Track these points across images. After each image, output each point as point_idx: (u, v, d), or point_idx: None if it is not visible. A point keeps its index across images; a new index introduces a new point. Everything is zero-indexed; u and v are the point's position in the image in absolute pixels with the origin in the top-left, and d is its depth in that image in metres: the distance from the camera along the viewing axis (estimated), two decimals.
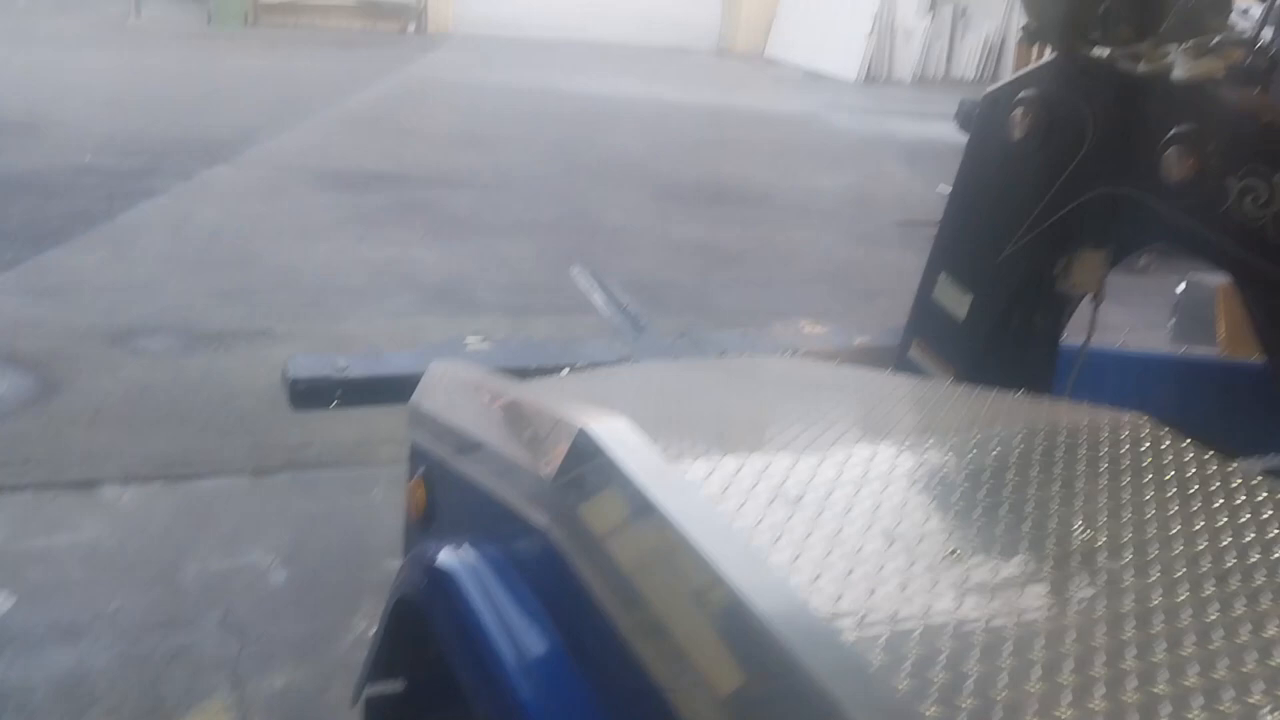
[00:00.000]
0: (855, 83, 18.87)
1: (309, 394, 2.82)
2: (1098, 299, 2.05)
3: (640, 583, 1.18)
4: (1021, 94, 1.92)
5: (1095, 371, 2.50)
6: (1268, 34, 1.69)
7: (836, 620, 1.05)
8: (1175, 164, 1.66)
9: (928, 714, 0.91)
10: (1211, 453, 1.51)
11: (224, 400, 4.66)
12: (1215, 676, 1.01)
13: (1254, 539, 1.28)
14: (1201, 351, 2.38)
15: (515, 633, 1.39)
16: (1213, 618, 1.11)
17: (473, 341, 3.11)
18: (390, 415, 2.37)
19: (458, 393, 1.76)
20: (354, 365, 2.89)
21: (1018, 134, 1.92)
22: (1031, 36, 1.90)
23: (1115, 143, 1.79)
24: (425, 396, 1.83)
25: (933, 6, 19.56)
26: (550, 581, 1.36)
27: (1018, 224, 1.98)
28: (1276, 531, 1.30)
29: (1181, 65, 1.63)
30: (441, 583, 1.46)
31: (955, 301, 2.14)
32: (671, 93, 15.01)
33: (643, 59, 19.20)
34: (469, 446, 1.60)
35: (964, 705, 0.93)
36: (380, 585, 2.41)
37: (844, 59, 19.34)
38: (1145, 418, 1.59)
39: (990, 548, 1.22)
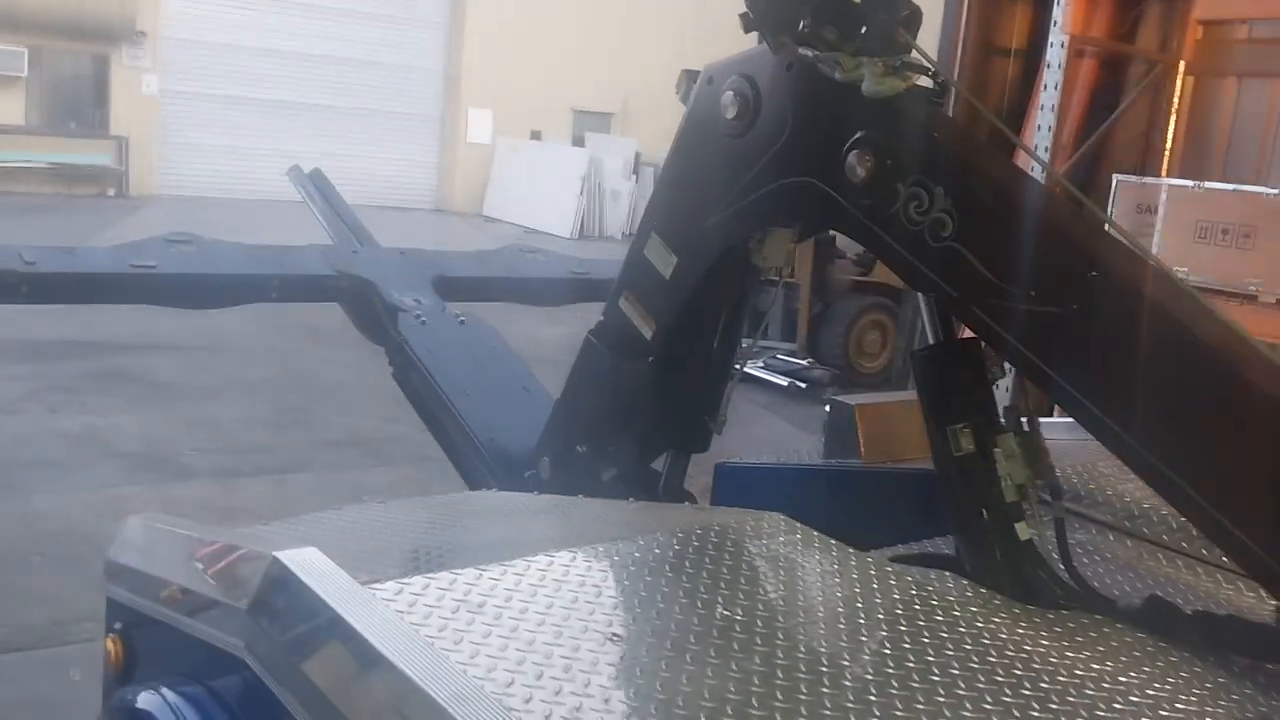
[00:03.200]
0: (570, 239, 19.78)
1: None
2: (783, 273, 2.26)
3: (336, 697, 1.29)
4: (733, 77, 2.06)
5: (755, 484, 2.81)
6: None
7: (512, 707, 1.19)
8: (855, 165, 1.82)
9: None
10: (836, 542, 1.79)
11: None
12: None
13: (867, 609, 1.55)
14: (846, 461, 2.73)
15: None
16: (851, 674, 1.35)
17: (177, 243, 2.92)
18: (89, 592, 2.27)
19: (155, 542, 1.80)
20: (42, 260, 2.72)
21: (728, 114, 2.05)
22: (748, 26, 1.98)
23: (810, 137, 1.95)
24: (121, 550, 1.85)
25: (636, 170, 20.97)
26: (250, 709, 1.43)
27: (722, 197, 2.11)
28: (877, 600, 1.58)
29: (869, 79, 1.81)
30: None
31: (662, 261, 2.27)
32: None
33: (360, 217, 19.29)
34: (166, 592, 1.65)
35: None
36: None
37: (558, 217, 20.30)
38: (780, 516, 1.85)
39: (645, 630, 1.42)
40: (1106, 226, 1.89)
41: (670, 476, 2.48)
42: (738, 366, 2.44)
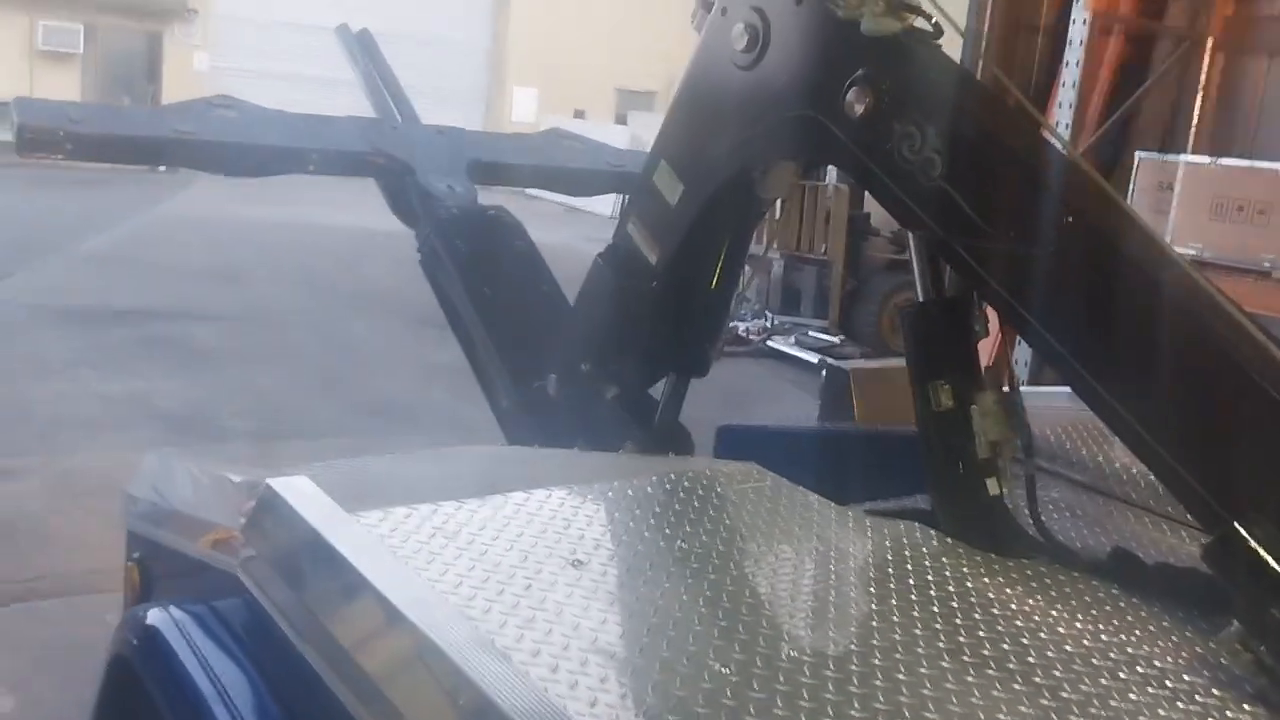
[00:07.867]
0: (610, 217, 19.88)
1: (37, 142, 2.72)
2: (785, 204, 2.32)
3: (317, 609, 1.42)
4: (745, 9, 2.11)
5: (755, 445, 2.90)
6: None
7: (471, 615, 1.30)
8: (854, 102, 1.88)
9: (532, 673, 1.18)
10: (804, 490, 1.88)
11: None
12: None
13: (824, 547, 1.64)
14: (843, 424, 2.83)
15: (217, 675, 1.57)
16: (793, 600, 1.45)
17: (220, 108, 2.98)
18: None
19: (168, 477, 1.94)
20: (87, 119, 2.79)
21: (738, 45, 2.12)
22: None
23: (814, 72, 2.00)
24: (139, 484, 1.99)
25: None
26: (247, 623, 1.56)
27: (729, 127, 2.18)
28: (836, 541, 1.68)
29: (868, 18, 1.88)
30: (150, 637, 1.63)
31: (669, 188, 2.33)
32: None
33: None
34: (176, 520, 1.79)
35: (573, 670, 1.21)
36: None
37: (599, 196, 20.37)
38: (754, 465, 1.95)
39: (605, 557, 1.53)
40: (1105, 186, 1.94)
41: (669, 400, 2.56)
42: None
